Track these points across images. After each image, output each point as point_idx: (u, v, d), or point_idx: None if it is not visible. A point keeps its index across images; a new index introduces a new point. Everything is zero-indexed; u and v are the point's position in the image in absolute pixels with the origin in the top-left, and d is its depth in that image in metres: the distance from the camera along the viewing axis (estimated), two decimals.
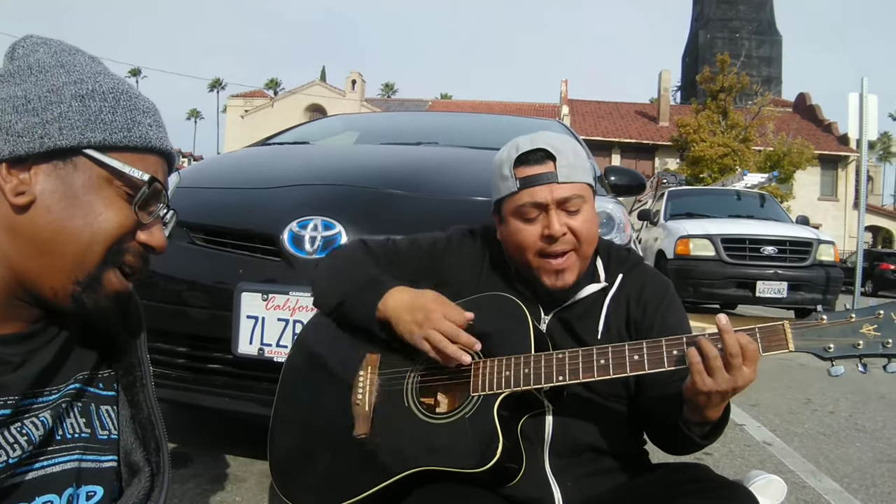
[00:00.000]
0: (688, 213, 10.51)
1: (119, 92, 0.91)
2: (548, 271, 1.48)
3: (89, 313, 0.90)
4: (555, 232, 1.44)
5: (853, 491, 2.91)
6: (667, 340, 1.30)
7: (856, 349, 1.22)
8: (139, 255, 0.93)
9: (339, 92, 44.09)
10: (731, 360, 1.22)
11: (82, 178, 0.87)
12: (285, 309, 2.25)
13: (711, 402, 1.27)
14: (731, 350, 1.22)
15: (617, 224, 2.73)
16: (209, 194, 2.75)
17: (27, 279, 0.86)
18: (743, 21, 64.34)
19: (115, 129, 0.89)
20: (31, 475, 0.89)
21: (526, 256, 1.49)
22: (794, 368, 5.96)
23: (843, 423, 4.15)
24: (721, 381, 1.23)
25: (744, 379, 1.23)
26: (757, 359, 1.24)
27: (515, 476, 1.37)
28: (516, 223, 1.49)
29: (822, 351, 1.24)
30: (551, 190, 1.45)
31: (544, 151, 1.47)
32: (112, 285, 0.91)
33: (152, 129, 0.93)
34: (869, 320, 1.23)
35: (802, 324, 1.25)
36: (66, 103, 0.86)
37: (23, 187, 0.84)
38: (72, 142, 0.86)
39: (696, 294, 8.77)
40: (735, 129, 29.35)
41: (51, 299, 0.88)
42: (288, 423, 1.61)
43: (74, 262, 0.86)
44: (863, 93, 10.64)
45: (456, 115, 6.56)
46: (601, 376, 1.33)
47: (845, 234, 33.63)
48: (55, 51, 0.91)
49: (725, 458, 3.31)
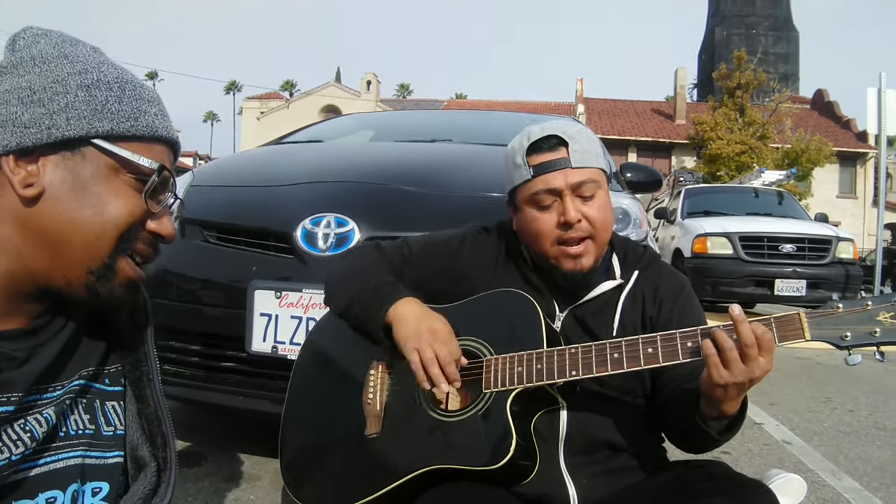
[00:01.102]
0: (705, 211, 10.43)
1: (123, 81, 0.91)
2: (565, 256, 1.47)
3: (103, 302, 0.90)
4: (570, 218, 1.43)
5: (873, 490, 2.86)
6: (681, 333, 1.29)
7: (873, 337, 1.21)
8: (149, 243, 0.94)
9: (355, 93, 44.21)
10: (746, 350, 1.21)
11: (91, 168, 0.87)
12: (299, 306, 2.25)
13: (728, 395, 1.26)
14: (746, 340, 1.21)
15: (633, 220, 2.71)
16: (222, 192, 2.75)
17: (39, 271, 0.86)
18: (759, 17, 64.03)
19: (123, 118, 0.89)
20: (34, 472, 0.88)
21: (543, 245, 1.48)
22: (813, 367, 5.90)
23: (864, 421, 4.10)
24: (738, 373, 1.22)
25: (761, 369, 1.22)
26: (773, 348, 1.23)
27: (529, 473, 1.36)
28: (531, 211, 1.48)
29: (838, 340, 1.22)
30: (565, 175, 1.44)
31: (556, 138, 1.47)
32: (125, 273, 0.91)
33: (158, 118, 0.93)
34: (885, 308, 1.22)
35: (818, 313, 1.24)
36: (73, 93, 0.86)
37: (31, 179, 0.84)
38: (80, 132, 0.85)
39: (714, 293, 8.69)
40: (752, 126, 29.09)
41: (65, 290, 0.88)
42: (298, 424, 1.61)
43: (86, 253, 0.86)
44: (881, 88, 10.56)
45: (470, 113, 6.53)
46: (615, 370, 1.31)
47: (864, 232, 33.26)
48: (56, 42, 0.90)
49: (744, 456, 3.28)
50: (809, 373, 5.63)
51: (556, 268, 1.49)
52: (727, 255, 8.79)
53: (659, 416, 1.50)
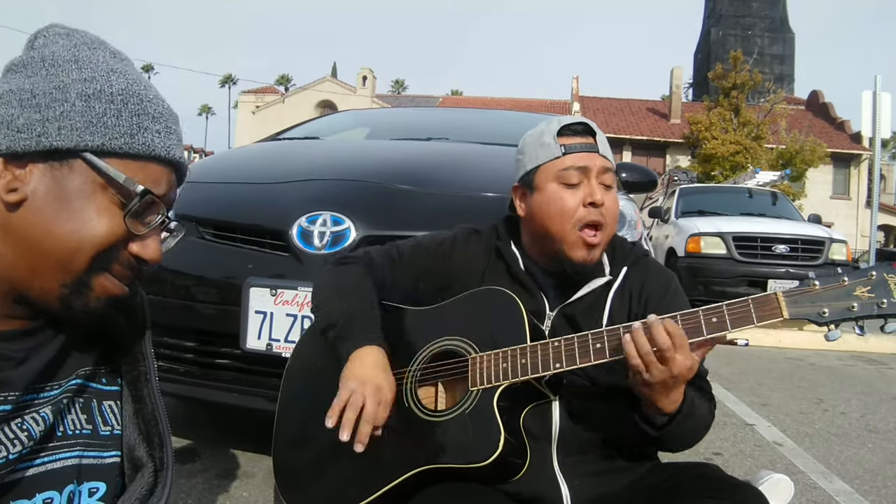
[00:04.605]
0: (699, 211, 10.45)
1: (129, 94, 0.88)
2: (582, 244, 1.47)
3: (78, 316, 0.88)
4: (598, 199, 1.46)
5: (864, 493, 2.88)
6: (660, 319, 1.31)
7: (851, 312, 1.23)
8: (129, 266, 0.90)
9: (350, 88, 44.09)
10: (665, 353, 1.25)
11: (77, 181, 0.84)
12: (294, 304, 2.25)
13: (655, 393, 1.31)
14: (662, 345, 1.25)
15: (628, 221, 2.72)
16: (218, 189, 2.75)
17: (17, 279, 0.84)
18: (756, 18, 64.06)
19: (117, 134, 0.85)
20: (31, 471, 0.88)
21: (564, 226, 1.48)
22: (805, 368, 5.92)
23: (855, 423, 4.12)
24: (657, 373, 1.27)
25: (678, 367, 1.26)
26: (685, 344, 1.26)
27: (520, 470, 1.37)
28: (557, 189, 1.49)
29: (816, 316, 1.24)
30: (593, 158, 1.49)
31: (586, 125, 1.53)
32: (104, 289, 0.88)
33: (159, 137, 0.89)
34: (862, 282, 1.24)
35: (795, 290, 1.26)
36: (70, 102, 0.83)
37: (16, 184, 0.82)
38: (69, 143, 0.83)
39: (707, 292, 8.70)
40: (747, 126, 29.12)
41: (40, 301, 0.85)
42: (289, 430, 1.60)
43: (60, 266, 0.83)
44: (876, 91, 10.58)
45: (466, 111, 6.53)
46: (598, 360, 1.33)
47: (857, 233, 33.37)
48: (75, 44, 0.88)
49: (735, 457, 3.29)
50: (801, 374, 5.66)
51: (566, 257, 1.49)
52: (721, 255, 8.81)
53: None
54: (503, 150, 3.02)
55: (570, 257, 1.48)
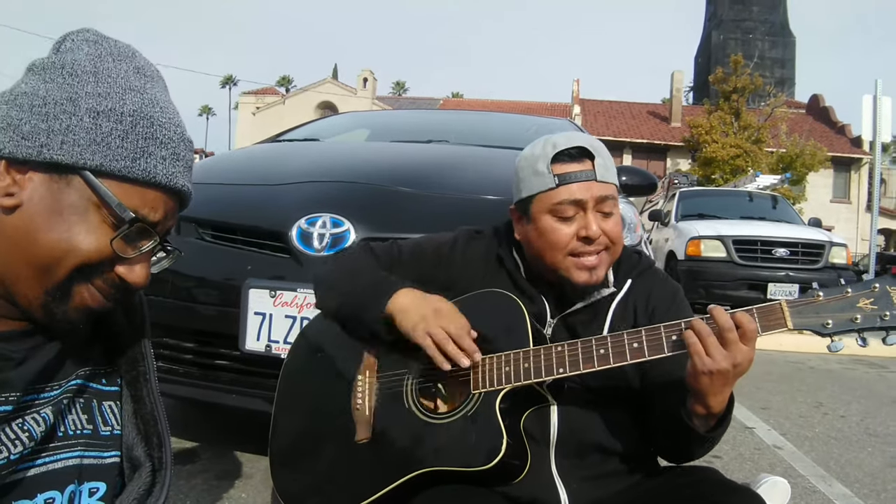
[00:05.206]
0: (699, 214, 10.46)
1: (140, 116, 0.86)
2: (580, 268, 1.44)
3: (60, 324, 0.87)
4: (593, 234, 1.41)
5: (864, 496, 2.88)
6: (665, 326, 1.30)
7: (854, 324, 1.23)
8: (112, 284, 0.88)
9: (351, 90, 44.12)
10: (725, 334, 1.22)
11: (73, 196, 0.83)
12: (293, 306, 2.25)
13: (714, 385, 1.25)
14: (724, 325, 1.22)
15: (628, 224, 2.71)
16: (218, 190, 2.74)
17: (6, 281, 0.84)
18: (756, 22, 64.21)
19: (119, 156, 0.84)
20: (32, 472, 0.87)
21: (555, 256, 1.45)
22: (806, 371, 5.92)
23: (855, 427, 4.12)
24: (720, 359, 1.22)
25: (742, 355, 1.23)
26: (755, 336, 1.23)
27: (521, 473, 1.37)
28: (550, 221, 1.44)
29: (820, 327, 1.24)
30: (590, 188, 1.42)
31: (583, 149, 1.44)
32: (83, 299, 0.87)
33: (163, 164, 0.88)
34: (865, 294, 1.24)
35: (799, 301, 1.26)
36: (79, 116, 0.82)
37: (13, 189, 0.82)
38: (69, 159, 0.82)
39: (707, 296, 8.70)
40: (748, 130, 29.17)
41: (24, 305, 0.85)
42: (287, 431, 1.60)
43: (44, 272, 0.83)
44: (877, 95, 10.61)
45: (467, 114, 6.54)
46: (602, 366, 1.32)
47: (858, 237, 33.39)
48: (100, 54, 0.87)
49: (735, 461, 3.29)
50: (801, 377, 5.65)
51: (567, 280, 1.46)
52: (721, 259, 8.82)
53: (647, 422, 1.49)
54: (503, 153, 3.02)
55: (571, 279, 1.46)
